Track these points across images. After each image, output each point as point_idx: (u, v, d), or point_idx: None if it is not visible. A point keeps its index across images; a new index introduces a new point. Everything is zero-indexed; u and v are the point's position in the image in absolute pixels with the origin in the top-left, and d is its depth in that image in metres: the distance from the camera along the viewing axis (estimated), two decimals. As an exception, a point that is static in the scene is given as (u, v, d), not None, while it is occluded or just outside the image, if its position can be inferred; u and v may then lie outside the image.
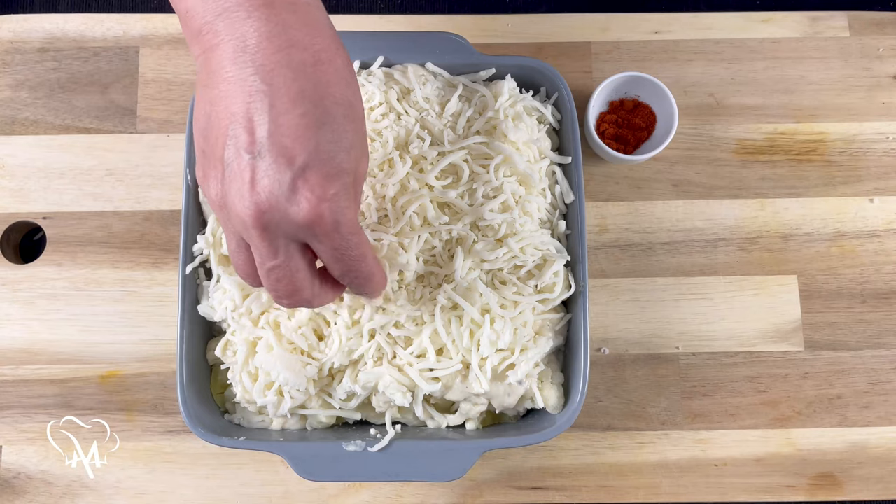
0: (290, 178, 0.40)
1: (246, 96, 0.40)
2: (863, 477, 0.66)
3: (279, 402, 0.58)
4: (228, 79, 0.41)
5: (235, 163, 0.41)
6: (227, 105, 0.41)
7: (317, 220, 0.41)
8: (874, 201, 0.70)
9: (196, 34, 0.43)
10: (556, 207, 0.63)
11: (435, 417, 0.60)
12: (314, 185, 0.41)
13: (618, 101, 0.70)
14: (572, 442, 0.66)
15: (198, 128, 0.43)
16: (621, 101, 0.70)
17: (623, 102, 0.70)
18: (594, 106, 0.68)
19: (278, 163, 0.40)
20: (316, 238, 0.43)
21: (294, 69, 0.41)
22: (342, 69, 0.43)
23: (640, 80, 0.68)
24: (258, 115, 0.40)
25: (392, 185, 0.58)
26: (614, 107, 0.70)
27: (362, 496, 0.65)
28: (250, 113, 0.40)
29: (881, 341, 0.68)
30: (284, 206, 0.41)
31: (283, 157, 0.40)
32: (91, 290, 0.68)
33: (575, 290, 0.60)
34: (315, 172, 0.41)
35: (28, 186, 0.70)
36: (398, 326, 0.58)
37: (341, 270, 0.46)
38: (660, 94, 0.67)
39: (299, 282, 0.45)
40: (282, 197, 0.40)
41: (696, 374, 0.67)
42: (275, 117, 0.40)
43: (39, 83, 0.72)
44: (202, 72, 0.43)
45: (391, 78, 0.63)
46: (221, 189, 0.42)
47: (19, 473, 0.66)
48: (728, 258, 0.69)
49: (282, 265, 0.44)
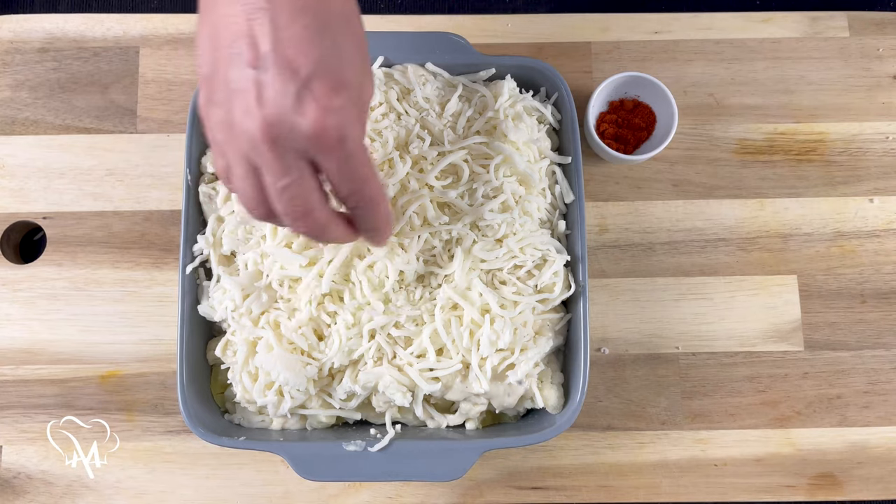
0: (295, 90, 0.40)
1: (247, 13, 0.40)
2: (863, 477, 0.66)
3: (279, 402, 0.58)
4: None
5: (241, 79, 0.41)
6: (229, 25, 0.41)
7: (323, 132, 0.41)
8: (874, 201, 0.70)
9: None
10: (556, 207, 0.63)
11: (435, 417, 0.60)
12: (319, 96, 0.40)
13: (618, 101, 0.70)
14: (572, 442, 0.66)
15: (200, 53, 0.43)
16: (621, 101, 0.70)
17: (623, 102, 0.70)
18: (594, 106, 0.68)
19: (283, 75, 0.40)
20: (322, 152, 0.42)
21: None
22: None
23: (640, 80, 0.68)
24: (260, 31, 0.40)
25: (392, 185, 0.58)
26: (614, 107, 0.70)
27: (362, 496, 0.65)
28: (252, 29, 0.40)
29: (881, 341, 0.68)
30: (291, 118, 0.40)
31: (288, 68, 0.40)
32: (91, 290, 0.68)
33: (575, 290, 0.60)
34: (320, 83, 0.41)
35: (28, 186, 0.70)
36: (398, 326, 0.58)
37: (347, 190, 0.45)
38: (660, 94, 0.67)
39: (313, 202, 0.44)
40: (288, 108, 0.40)
41: (696, 374, 0.68)
42: (277, 31, 0.40)
43: (39, 83, 0.72)
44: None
45: (391, 78, 0.63)
46: (227, 109, 0.42)
47: (19, 473, 0.66)
48: (728, 258, 0.69)
49: (295, 182, 0.43)
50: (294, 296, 0.58)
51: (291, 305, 0.58)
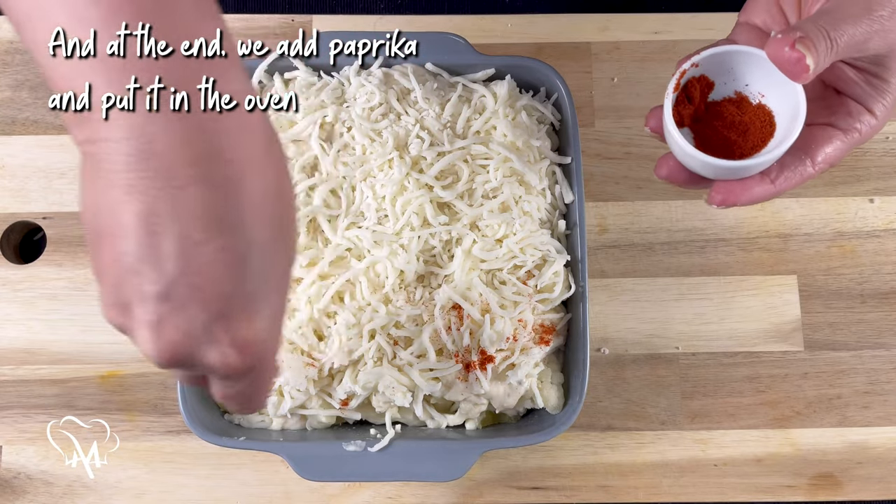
0: (202, 324, 0.34)
1: (148, 217, 0.32)
2: (863, 477, 0.66)
3: (279, 402, 0.58)
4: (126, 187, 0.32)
5: (137, 303, 0.34)
6: (123, 221, 0.32)
7: (233, 368, 0.36)
8: (874, 201, 0.70)
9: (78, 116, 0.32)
10: (556, 207, 0.63)
11: (435, 417, 0.60)
12: (235, 333, 0.35)
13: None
14: (572, 442, 0.66)
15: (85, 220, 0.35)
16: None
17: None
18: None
19: (189, 308, 0.33)
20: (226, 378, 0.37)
21: (212, 187, 0.33)
22: (274, 181, 0.36)
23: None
24: (165, 244, 0.32)
25: (391, 185, 0.58)
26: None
27: (362, 496, 0.65)
28: (154, 240, 0.32)
29: (881, 341, 0.68)
30: (198, 354, 0.35)
31: (196, 300, 0.33)
32: (91, 290, 0.68)
33: (575, 290, 0.60)
34: (236, 316, 0.35)
35: (28, 186, 0.70)
36: (398, 326, 0.58)
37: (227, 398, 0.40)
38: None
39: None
40: (195, 344, 0.35)
41: (696, 374, 0.67)
42: (185, 250, 0.33)
43: (39, 83, 0.72)
44: (87, 164, 0.34)
45: (391, 78, 0.62)
46: (121, 318, 0.36)
47: (19, 473, 0.66)
48: (728, 258, 0.69)
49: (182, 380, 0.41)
50: (294, 296, 0.58)
51: (291, 305, 0.58)
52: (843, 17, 0.42)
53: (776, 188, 0.47)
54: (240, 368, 0.36)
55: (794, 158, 0.47)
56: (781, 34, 0.42)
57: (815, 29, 0.42)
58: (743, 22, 0.50)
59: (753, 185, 0.47)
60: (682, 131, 0.49)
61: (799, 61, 0.41)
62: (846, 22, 0.42)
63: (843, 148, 0.47)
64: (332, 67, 0.64)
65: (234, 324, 0.35)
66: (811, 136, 0.47)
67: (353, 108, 0.61)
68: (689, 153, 0.47)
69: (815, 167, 0.47)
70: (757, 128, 0.48)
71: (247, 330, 0.35)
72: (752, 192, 0.47)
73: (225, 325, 0.35)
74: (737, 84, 0.50)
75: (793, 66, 0.42)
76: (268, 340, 0.37)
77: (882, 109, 0.46)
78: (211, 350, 0.35)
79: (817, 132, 0.47)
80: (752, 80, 0.49)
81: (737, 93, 0.50)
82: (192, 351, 0.35)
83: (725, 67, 0.49)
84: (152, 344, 0.34)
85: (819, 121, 0.47)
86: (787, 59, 0.42)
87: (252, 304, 0.35)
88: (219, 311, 0.34)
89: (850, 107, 0.47)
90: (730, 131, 0.49)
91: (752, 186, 0.47)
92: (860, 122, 0.47)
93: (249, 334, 0.35)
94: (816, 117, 0.47)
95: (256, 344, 0.36)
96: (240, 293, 0.35)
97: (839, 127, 0.47)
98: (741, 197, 0.47)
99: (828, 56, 0.42)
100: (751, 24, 0.49)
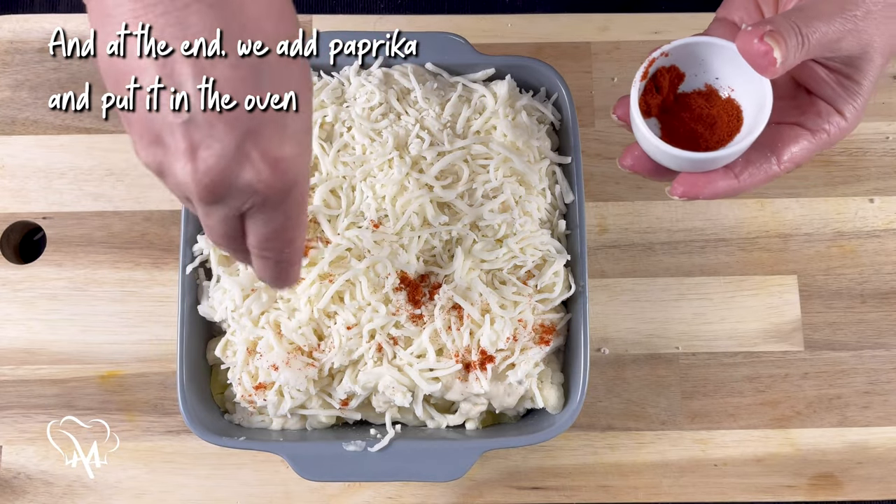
0: (234, 144, 0.35)
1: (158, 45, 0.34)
2: (863, 477, 0.66)
3: (279, 402, 0.58)
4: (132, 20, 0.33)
5: (165, 129, 0.35)
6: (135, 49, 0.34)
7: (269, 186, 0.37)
8: (874, 201, 0.70)
9: None
10: (556, 207, 0.63)
11: (435, 417, 0.60)
12: (265, 148, 0.36)
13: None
14: (572, 442, 0.66)
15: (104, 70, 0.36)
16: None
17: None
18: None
19: (216, 127, 0.34)
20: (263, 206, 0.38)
21: (213, 4, 0.34)
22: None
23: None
24: (180, 67, 0.34)
25: (391, 185, 0.58)
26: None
27: (362, 496, 0.65)
28: (170, 61, 0.34)
29: (881, 341, 0.68)
30: (234, 177, 0.36)
31: (221, 119, 0.34)
32: (91, 290, 0.68)
33: (575, 290, 0.60)
34: (264, 132, 0.36)
35: (28, 186, 0.70)
36: (398, 326, 0.58)
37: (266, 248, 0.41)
38: None
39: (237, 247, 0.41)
40: (230, 166, 0.36)
41: (696, 374, 0.68)
42: (199, 68, 0.34)
43: (39, 83, 0.72)
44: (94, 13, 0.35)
45: (391, 78, 0.63)
46: (153, 154, 0.37)
47: (19, 473, 0.66)
48: (728, 258, 0.69)
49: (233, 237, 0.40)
50: (294, 296, 0.58)
51: (291, 305, 0.58)
52: (816, 14, 0.42)
53: (740, 184, 0.46)
54: (275, 186, 0.37)
55: (760, 155, 0.46)
56: (752, 27, 0.42)
57: (787, 24, 0.42)
58: (721, 17, 0.50)
59: (717, 179, 0.46)
60: (650, 121, 0.48)
61: (766, 54, 0.41)
62: (819, 19, 0.42)
63: (810, 148, 0.47)
64: (332, 67, 0.64)
65: (264, 141, 0.36)
66: (779, 134, 0.46)
67: (353, 107, 0.61)
68: (654, 143, 0.46)
69: (780, 165, 0.46)
70: (724, 121, 0.48)
71: (277, 145, 0.36)
72: (715, 186, 0.46)
73: (254, 142, 0.36)
74: (707, 77, 0.49)
75: (760, 59, 0.42)
76: (298, 157, 0.38)
77: (852, 112, 0.46)
78: (245, 169, 0.36)
79: (785, 131, 0.47)
80: (722, 74, 0.49)
81: (707, 85, 0.49)
82: (229, 174, 0.36)
83: (697, 59, 0.48)
84: (192, 173, 0.35)
85: (788, 120, 0.47)
86: (755, 52, 0.42)
87: (277, 119, 0.36)
88: (247, 130, 0.35)
89: (820, 107, 0.46)
90: (697, 123, 0.48)
91: (715, 180, 0.46)
92: (829, 124, 0.46)
93: (279, 150, 0.36)
94: (786, 116, 0.47)
95: (287, 160, 0.37)
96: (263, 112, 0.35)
97: (807, 127, 0.46)
98: (703, 190, 0.46)
99: (798, 52, 0.42)
100: (728, 20, 0.49)
